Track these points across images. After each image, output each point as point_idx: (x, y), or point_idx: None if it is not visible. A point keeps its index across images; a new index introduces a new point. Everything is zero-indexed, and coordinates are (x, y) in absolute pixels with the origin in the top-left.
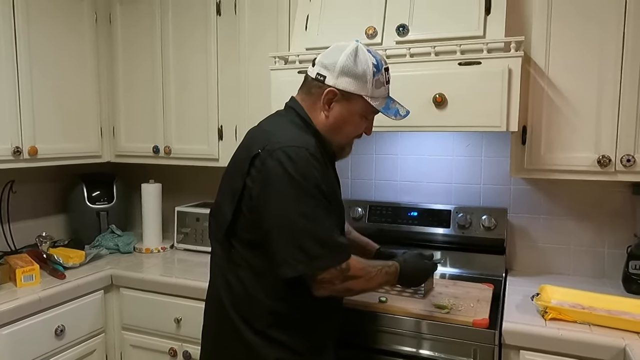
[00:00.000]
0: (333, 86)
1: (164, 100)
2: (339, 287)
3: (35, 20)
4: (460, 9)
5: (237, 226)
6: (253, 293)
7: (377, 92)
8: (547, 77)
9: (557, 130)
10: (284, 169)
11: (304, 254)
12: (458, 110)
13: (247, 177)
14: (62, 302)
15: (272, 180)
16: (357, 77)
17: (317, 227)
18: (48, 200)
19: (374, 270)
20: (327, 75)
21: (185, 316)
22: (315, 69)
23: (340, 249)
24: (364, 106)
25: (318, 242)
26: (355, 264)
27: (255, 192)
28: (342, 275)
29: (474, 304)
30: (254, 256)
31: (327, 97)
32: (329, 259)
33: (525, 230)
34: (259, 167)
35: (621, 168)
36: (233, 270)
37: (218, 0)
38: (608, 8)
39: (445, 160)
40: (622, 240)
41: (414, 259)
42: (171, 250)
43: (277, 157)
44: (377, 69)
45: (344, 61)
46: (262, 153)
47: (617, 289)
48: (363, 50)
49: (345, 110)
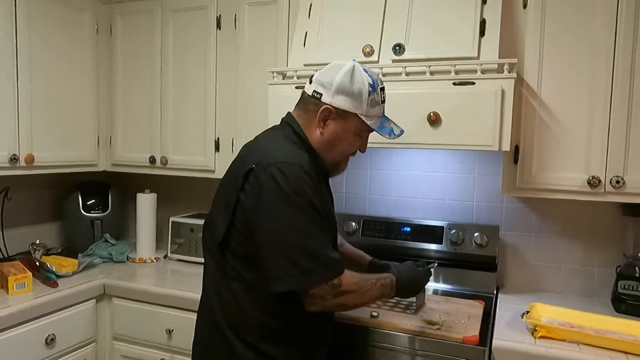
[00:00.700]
0: (329, 104)
1: (162, 111)
2: (331, 303)
3: (37, 29)
4: (455, 31)
5: (231, 239)
6: (244, 306)
7: (372, 111)
8: (539, 98)
9: (548, 151)
10: (277, 185)
11: (296, 268)
12: (452, 128)
13: (241, 192)
14: (54, 311)
15: (265, 196)
16: (353, 96)
17: (309, 242)
18: (43, 207)
19: (367, 284)
20: (323, 92)
21: (177, 327)
22: (312, 86)
23: (332, 264)
24: (359, 124)
25: (310, 256)
26: (348, 279)
27: (248, 207)
28: (333, 290)
29: (464, 321)
30: (246, 269)
31: (322, 114)
32: (320, 274)
33: (517, 248)
34: (252, 182)
35: (611, 189)
36: (225, 282)
37: (219, 14)
38: (599, 32)
39: (439, 177)
40: (612, 260)
41: (408, 269)
42: (164, 261)
43: (271, 173)
44: (373, 88)
45: (341, 80)
46: (257, 168)
47: (607, 308)
48: (360, 69)
49: (340, 127)
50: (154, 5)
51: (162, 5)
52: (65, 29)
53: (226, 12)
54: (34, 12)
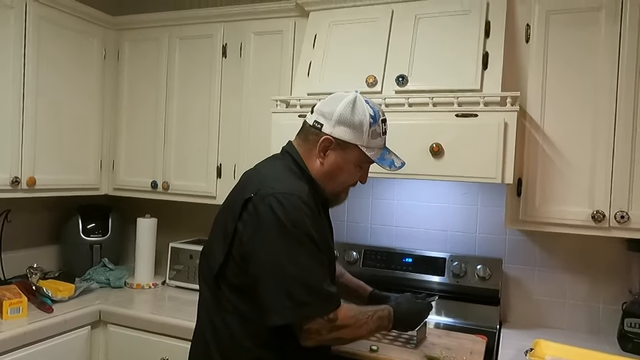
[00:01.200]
0: (329, 134)
1: (165, 136)
2: (327, 337)
3: (46, 53)
4: (458, 63)
5: (227, 269)
6: (239, 338)
7: (373, 142)
8: (542, 131)
9: (552, 184)
10: (275, 215)
11: (292, 301)
12: (454, 160)
13: (239, 221)
14: (48, 337)
15: (262, 226)
16: (354, 127)
17: (306, 275)
18: (42, 230)
19: (364, 317)
20: (324, 123)
21: (172, 356)
22: (314, 116)
23: (328, 297)
24: (359, 156)
25: (306, 289)
26: (344, 313)
27: (245, 237)
28: (329, 325)
29: (466, 357)
30: (241, 301)
31: (323, 144)
32: (316, 307)
33: (520, 282)
34: (251, 212)
35: (615, 224)
36: (220, 313)
37: (225, 43)
38: (602, 67)
39: (442, 208)
40: (617, 296)
41: (407, 301)
42: (162, 287)
43: (269, 203)
44: (374, 119)
45: (342, 110)
46: (255, 198)
47: (613, 346)
48: (361, 100)
49: (341, 158)
50: (161, 32)
51: (169, 33)
52: (73, 53)
53: (232, 40)
54: (44, 37)
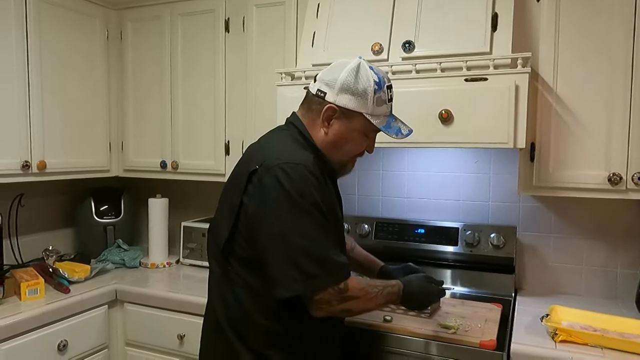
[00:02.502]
0: (333, 103)
1: (172, 116)
2: (337, 308)
3: (48, 36)
4: (466, 26)
5: (234, 244)
6: (250, 312)
7: (378, 109)
8: (555, 93)
9: (566, 148)
10: (281, 186)
11: (300, 273)
12: (464, 126)
13: (244, 194)
14: (66, 317)
15: (268, 197)
16: (358, 95)
17: (314, 246)
18: (56, 214)
19: (374, 291)
20: (327, 91)
21: (189, 332)
22: (316, 85)
23: (338, 268)
24: (364, 124)
25: (315, 260)
26: (354, 284)
27: (251, 209)
28: (339, 295)
29: (481, 325)
30: (250, 275)
31: (326, 113)
32: (326, 279)
33: (535, 249)
34: (255, 184)
35: (632, 186)
36: (230, 288)
37: (227, 17)
38: (617, 23)
39: (453, 177)
40: (635, 260)
41: (419, 280)
42: (177, 266)
43: (274, 174)
44: (379, 86)
45: (345, 78)
46: (260, 169)
47: (631, 311)
48: (365, 67)
49: (345, 127)
50: (162, 9)
51: (170, 10)
52: (76, 35)
53: (234, 14)
54: (45, 19)
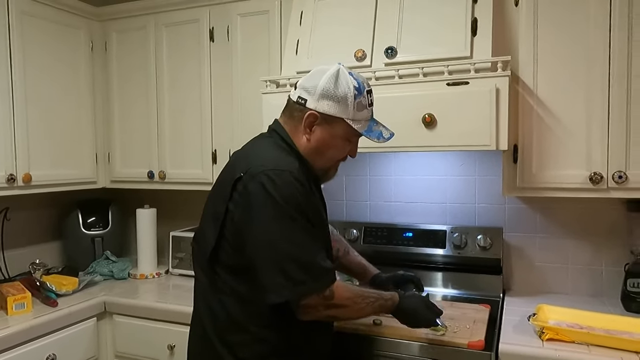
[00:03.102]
0: (314, 109)
1: (159, 126)
2: (323, 314)
3: (31, 48)
4: (447, 31)
5: (221, 251)
6: (238, 320)
7: (359, 114)
8: (535, 95)
9: (548, 148)
10: (267, 192)
11: (288, 279)
12: (447, 129)
13: (230, 202)
14: (54, 330)
15: (254, 204)
16: (338, 100)
17: (300, 252)
18: (43, 227)
19: (363, 302)
20: (308, 98)
21: (179, 343)
22: (297, 92)
23: (323, 273)
24: (346, 129)
25: (301, 267)
26: (341, 293)
27: (237, 216)
28: (325, 302)
29: (470, 326)
30: (238, 283)
31: (308, 120)
32: (312, 285)
33: (522, 250)
34: (241, 191)
35: (613, 185)
36: (216, 297)
37: (211, 27)
38: (594, 27)
39: (439, 180)
40: (619, 258)
41: (418, 303)
42: (166, 276)
43: (260, 180)
44: (359, 91)
45: (325, 84)
46: (245, 176)
47: (616, 308)
48: (344, 73)
49: (327, 133)
50: (147, 20)
51: (155, 21)
52: (60, 47)
53: (218, 24)
54: (28, 31)
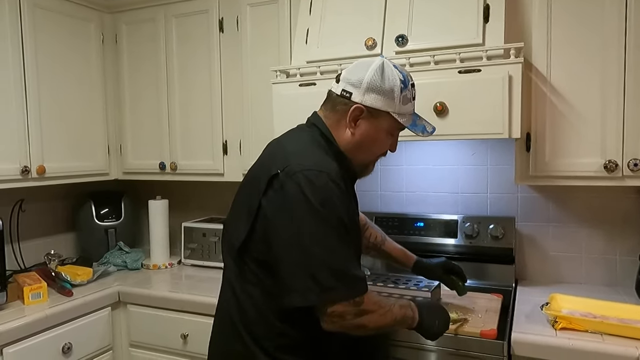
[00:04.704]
0: (360, 103)
1: (169, 117)
2: (351, 323)
3: (44, 41)
4: (458, 18)
5: (251, 244)
6: (264, 312)
7: (404, 108)
8: (549, 83)
9: (561, 136)
10: (304, 194)
11: (317, 284)
12: (459, 118)
13: (264, 197)
14: (70, 320)
15: (289, 205)
16: (385, 94)
17: (332, 258)
18: (57, 218)
19: (387, 305)
20: (353, 91)
21: (192, 332)
22: (340, 85)
23: (355, 282)
24: (391, 123)
25: (333, 273)
26: (369, 298)
27: (270, 213)
28: (355, 309)
29: (482, 315)
30: (266, 275)
31: (353, 114)
32: (342, 292)
33: (535, 239)
34: (277, 189)
35: (629, 173)
36: (244, 286)
37: (221, 17)
38: (609, 11)
39: (451, 170)
40: (634, 247)
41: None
42: (179, 266)
43: (297, 181)
44: (404, 84)
45: (371, 77)
46: (282, 175)
47: (631, 297)
48: (389, 65)
49: (372, 127)
50: (156, 12)
51: (164, 12)
52: (71, 40)
53: (228, 14)
54: (40, 25)
